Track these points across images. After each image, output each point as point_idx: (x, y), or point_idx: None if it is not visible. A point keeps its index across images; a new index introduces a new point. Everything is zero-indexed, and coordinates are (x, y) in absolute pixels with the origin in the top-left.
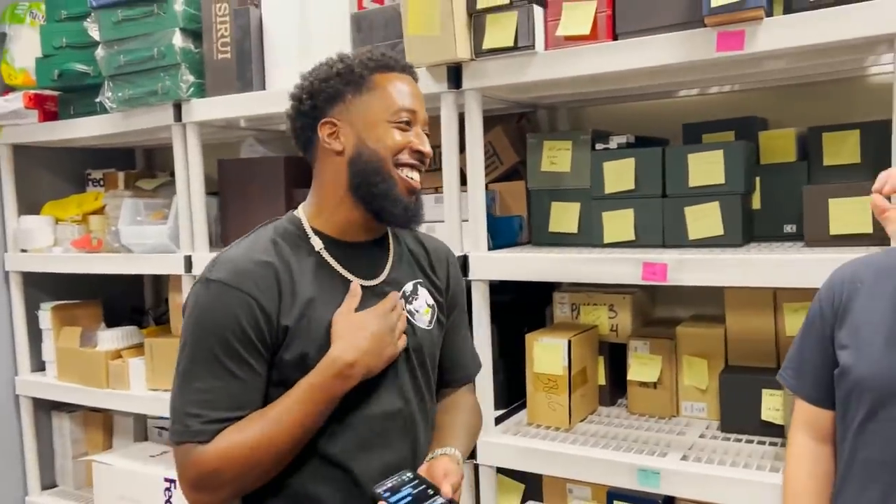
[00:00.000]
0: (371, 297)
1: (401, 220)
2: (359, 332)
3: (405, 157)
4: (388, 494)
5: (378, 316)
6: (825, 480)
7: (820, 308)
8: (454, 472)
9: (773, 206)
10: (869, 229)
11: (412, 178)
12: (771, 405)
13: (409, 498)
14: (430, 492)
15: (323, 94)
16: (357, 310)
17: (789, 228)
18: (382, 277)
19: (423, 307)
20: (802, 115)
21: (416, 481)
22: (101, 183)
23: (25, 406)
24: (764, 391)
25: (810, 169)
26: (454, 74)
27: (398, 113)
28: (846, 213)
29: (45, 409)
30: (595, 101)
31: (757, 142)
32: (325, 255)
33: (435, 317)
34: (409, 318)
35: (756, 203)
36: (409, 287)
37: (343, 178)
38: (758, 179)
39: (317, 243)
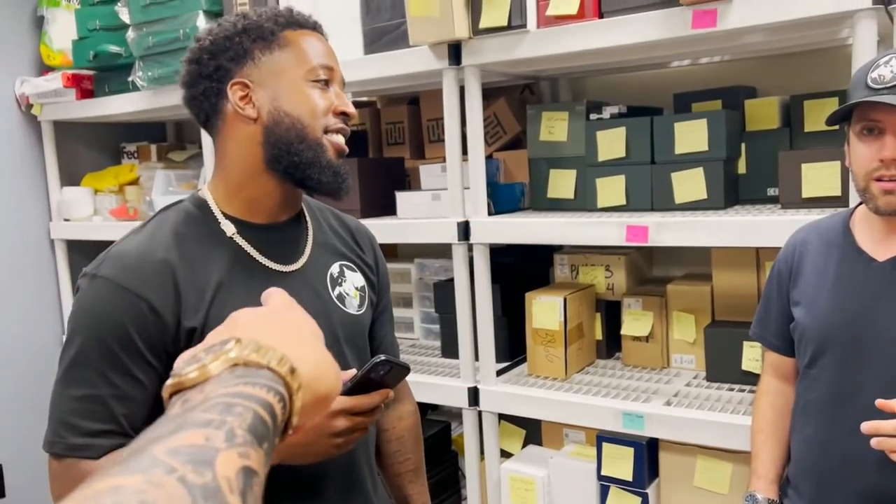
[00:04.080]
0: (291, 282)
1: (331, 186)
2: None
3: (333, 122)
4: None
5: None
6: (784, 411)
7: (778, 269)
8: None
9: (757, 171)
10: (838, 192)
11: (340, 142)
12: (751, 356)
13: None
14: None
15: (229, 52)
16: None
17: (772, 192)
18: (303, 261)
19: (351, 291)
20: (787, 83)
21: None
22: (136, 155)
23: None
24: (745, 343)
25: (792, 135)
26: (454, 52)
27: (315, 71)
28: (817, 177)
29: None
30: (593, 73)
31: (743, 110)
32: (240, 240)
33: (366, 300)
34: (339, 303)
35: (742, 168)
36: (335, 269)
37: (257, 150)
38: (743, 145)
39: (228, 228)
